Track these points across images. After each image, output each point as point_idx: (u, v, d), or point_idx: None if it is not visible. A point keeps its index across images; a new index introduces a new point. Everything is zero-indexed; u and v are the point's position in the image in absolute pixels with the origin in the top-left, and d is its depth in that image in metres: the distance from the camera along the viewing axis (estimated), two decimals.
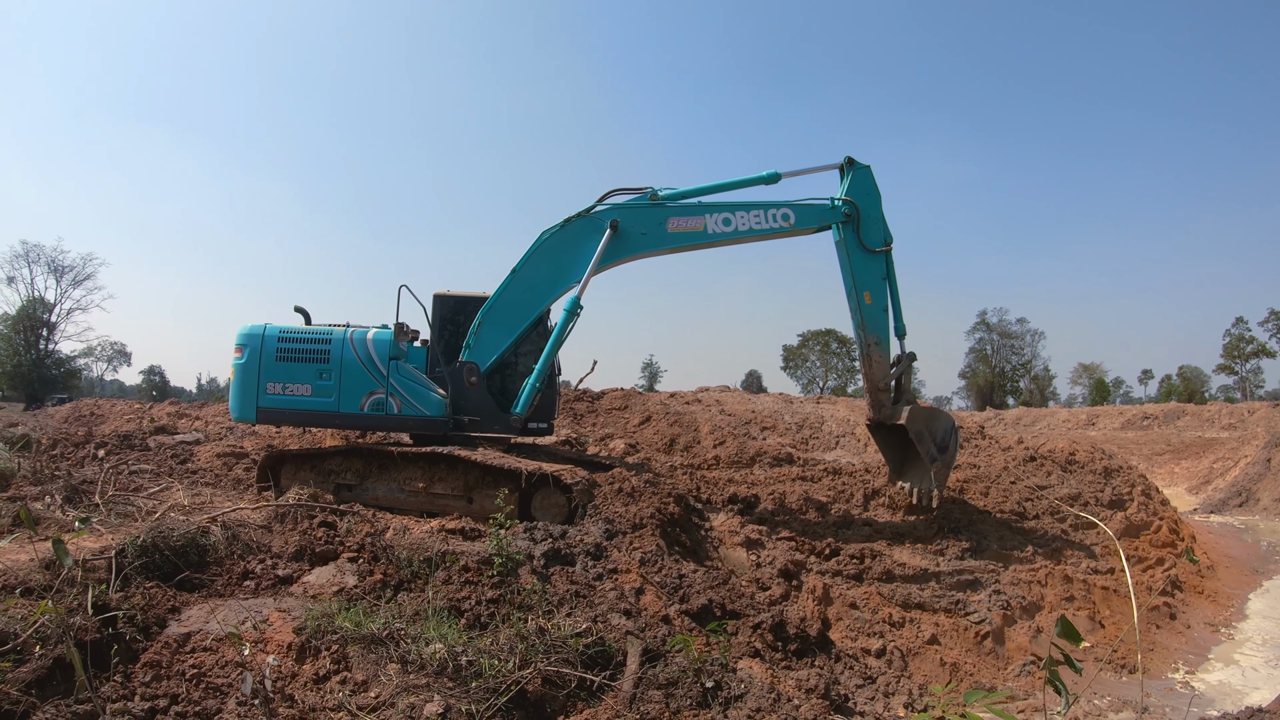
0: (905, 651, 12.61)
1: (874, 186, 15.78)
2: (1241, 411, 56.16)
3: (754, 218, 15.39)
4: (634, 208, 15.28)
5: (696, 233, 15.29)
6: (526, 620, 8.38)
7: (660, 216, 15.24)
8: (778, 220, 15.46)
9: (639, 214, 15.23)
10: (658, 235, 15.26)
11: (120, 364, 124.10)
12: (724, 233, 15.34)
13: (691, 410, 24.25)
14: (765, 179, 15.75)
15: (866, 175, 15.77)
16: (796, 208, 15.52)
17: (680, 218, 15.27)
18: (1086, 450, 23.18)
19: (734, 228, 15.34)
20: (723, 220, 15.30)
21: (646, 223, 15.22)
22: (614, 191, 15.44)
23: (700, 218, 15.28)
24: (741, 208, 15.39)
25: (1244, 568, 21.21)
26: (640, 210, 15.26)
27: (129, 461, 16.47)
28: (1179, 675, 13.59)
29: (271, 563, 9.72)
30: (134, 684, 6.92)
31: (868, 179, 15.77)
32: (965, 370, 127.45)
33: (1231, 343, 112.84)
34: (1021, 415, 73.83)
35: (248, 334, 14.23)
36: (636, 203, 15.35)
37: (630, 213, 15.22)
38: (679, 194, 15.58)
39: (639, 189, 15.46)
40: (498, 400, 14.88)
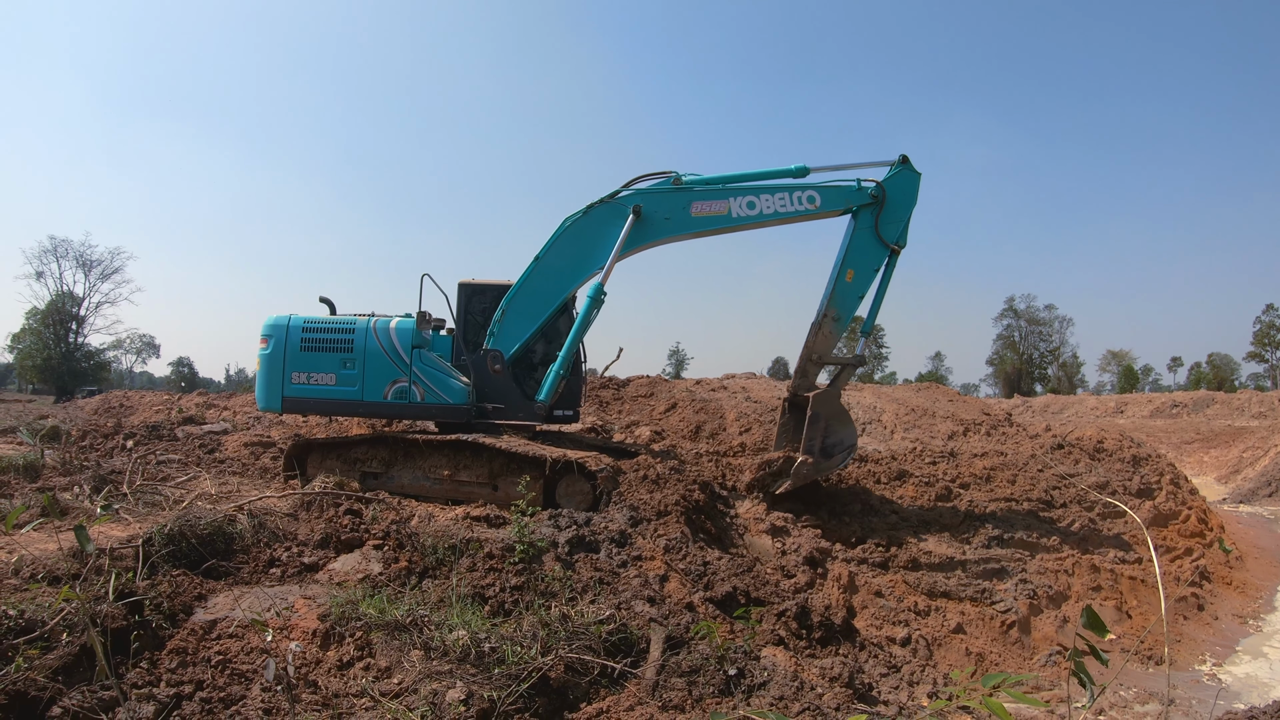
0: (930, 640, 12.55)
1: (914, 191, 15.42)
2: (1272, 400, 55.63)
3: (779, 200, 15.10)
4: (657, 192, 15.12)
5: (721, 216, 15.07)
6: (550, 607, 8.41)
7: (684, 201, 15.03)
8: (803, 203, 15.15)
9: (662, 198, 15.06)
10: (682, 220, 15.08)
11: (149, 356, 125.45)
12: (749, 216, 15.10)
13: (717, 397, 24.20)
14: (793, 173, 15.43)
15: (913, 179, 15.41)
16: (822, 189, 15.21)
17: (704, 201, 15.06)
18: (1115, 438, 23.01)
19: (759, 211, 15.07)
20: (747, 204, 15.05)
21: (670, 207, 15.04)
22: (638, 178, 15.26)
23: (724, 201, 15.05)
24: (766, 190, 15.10)
25: (1273, 559, 21.01)
26: (664, 195, 15.08)
27: (157, 451, 16.59)
28: (1206, 667, 13.47)
29: (297, 550, 9.79)
30: (160, 670, 6.99)
31: (913, 182, 15.41)
32: (993, 357, 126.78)
33: (1262, 330, 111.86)
34: (1049, 403, 73.40)
35: (273, 324, 14.37)
36: (660, 187, 15.17)
37: (654, 197, 15.05)
38: (703, 180, 15.34)
39: (663, 174, 15.26)
40: (522, 388, 14.85)
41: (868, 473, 17.60)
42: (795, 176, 15.35)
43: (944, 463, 18.93)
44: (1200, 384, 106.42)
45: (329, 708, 6.72)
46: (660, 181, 15.22)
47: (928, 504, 16.28)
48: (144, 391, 39.78)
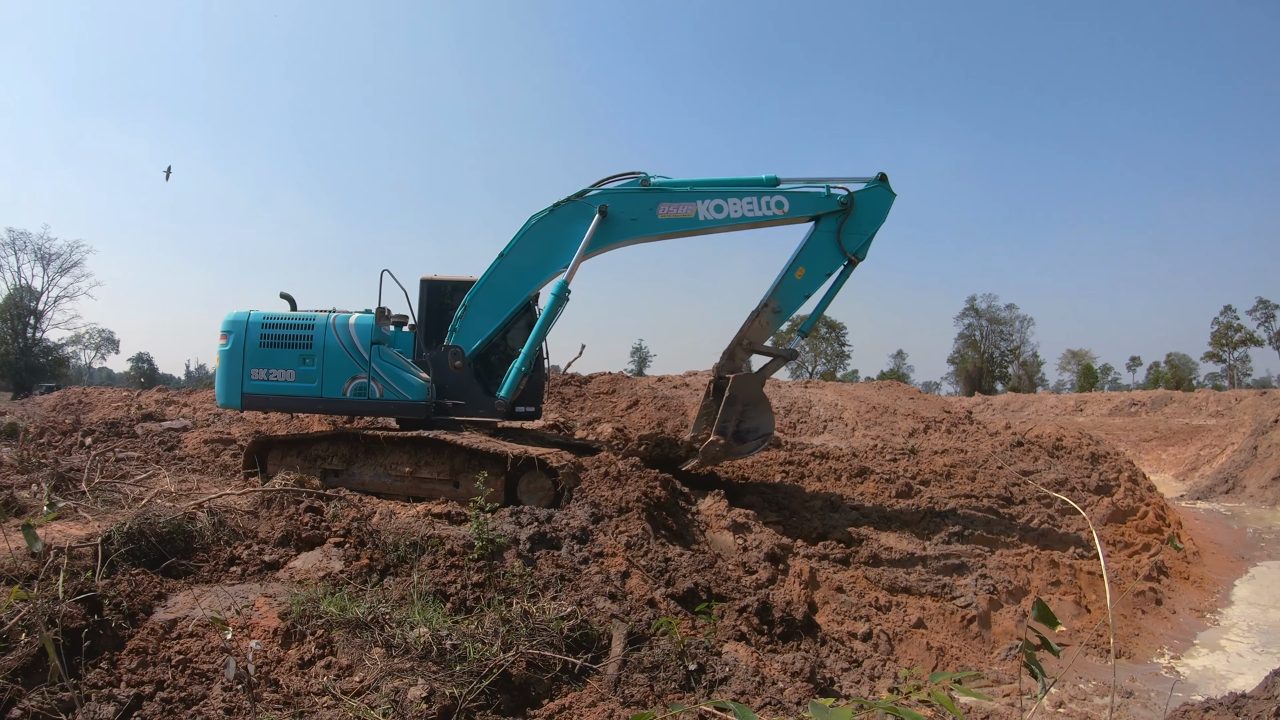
0: (891, 635, 12.66)
1: (886, 209, 15.40)
2: (1229, 399, 56.36)
3: (747, 205, 15.04)
4: (624, 193, 15.04)
5: (688, 219, 15.02)
6: (511, 604, 8.43)
7: (651, 202, 14.97)
8: (771, 208, 15.10)
9: (629, 199, 14.98)
10: (648, 221, 15.01)
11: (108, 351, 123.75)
12: (715, 219, 15.05)
13: (679, 394, 24.26)
14: (764, 183, 15.37)
15: (887, 197, 15.39)
16: (791, 195, 15.16)
17: (671, 203, 14.98)
18: (1074, 436, 23.30)
19: (726, 214, 15.03)
20: (714, 207, 15.00)
21: (637, 208, 14.97)
22: (607, 179, 15.18)
23: (692, 204, 14.99)
24: (734, 194, 15.04)
25: (1230, 554, 21.34)
26: (631, 195, 15.01)
27: (116, 449, 16.45)
28: (1164, 660, 13.66)
29: (258, 548, 9.74)
30: (120, 670, 6.96)
31: (886, 199, 15.39)
32: (954, 356, 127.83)
33: (1219, 331, 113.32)
34: (1010, 401, 74.04)
35: (233, 320, 14.30)
36: (627, 188, 15.10)
37: (620, 197, 14.98)
38: (671, 183, 15.27)
39: (631, 174, 15.18)
40: (484, 384, 14.79)
41: (829, 469, 17.72)
42: (765, 186, 15.32)
43: (905, 460, 19.09)
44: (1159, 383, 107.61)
45: (290, 706, 6.70)
46: (628, 182, 15.15)
47: (889, 501, 16.42)
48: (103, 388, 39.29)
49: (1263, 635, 14.91)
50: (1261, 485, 31.28)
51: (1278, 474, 31.06)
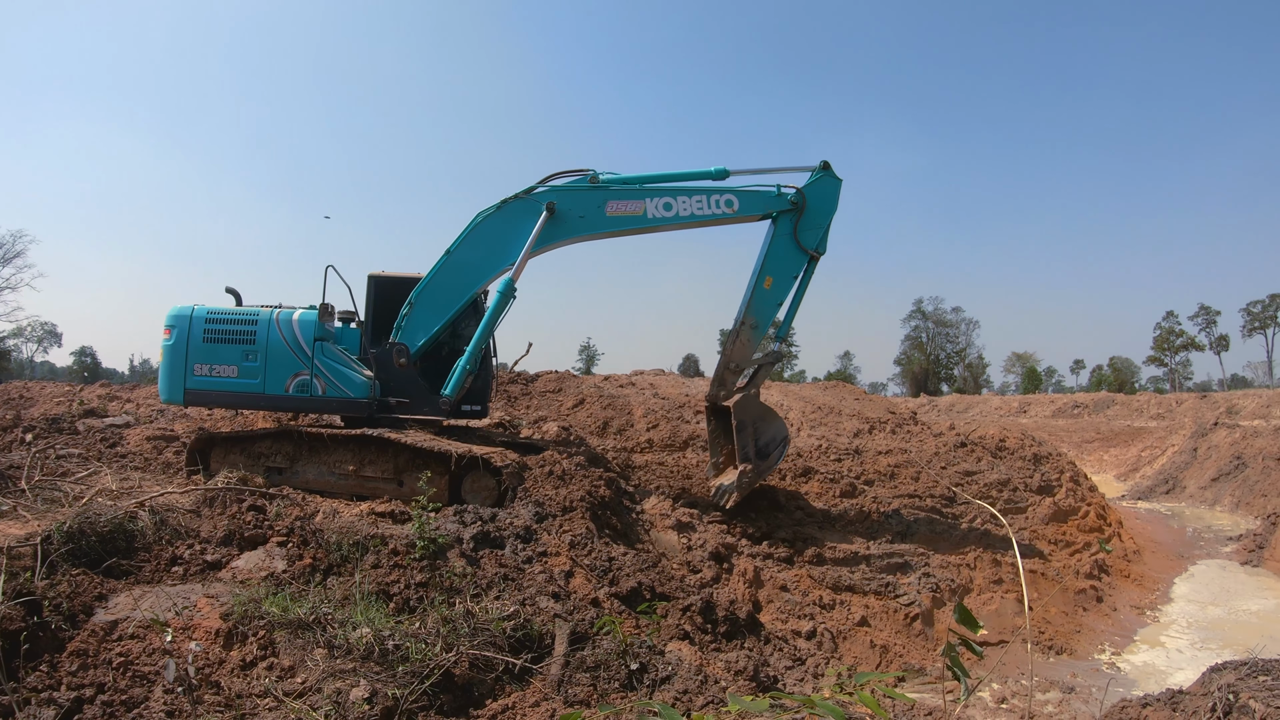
0: (835, 633, 12.78)
1: (835, 198, 15.44)
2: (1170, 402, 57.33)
3: (696, 203, 15.05)
4: (572, 190, 15.02)
5: (636, 217, 15.00)
6: (454, 604, 8.42)
7: (599, 199, 14.95)
8: (720, 206, 15.12)
9: (577, 196, 14.97)
10: (596, 218, 14.99)
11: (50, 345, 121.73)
12: (664, 218, 15.03)
13: (625, 394, 24.27)
14: (713, 175, 15.41)
15: (834, 185, 15.44)
16: (741, 194, 15.19)
17: (620, 201, 14.96)
18: (1016, 437, 23.61)
19: (675, 213, 15.01)
20: (663, 205, 14.98)
21: (585, 205, 14.95)
22: (554, 175, 15.18)
23: (640, 202, 14.97)
24: (684, 192, 15.04)
25: (1170, 552, 21.76)
26: (579, 193, 15.00)
27: (57, 445, 16.15)
28: (1105, 656, 13.91)
29: (200, 548, 9.65)
30: (60, 673, 6.90)
31: (833, 188, 15.44)
32: (900, 357, 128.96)
33: (1162, 335, 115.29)
34: (955, 402, 74.82)
35: (176, 315, 14.17)
36: (575, 185, 15.09)
37: (568, 195, 14.96)
38: (621, 179, 15.27)
39: (580, 171, 15.19)
40: (432, 382, 14.70)
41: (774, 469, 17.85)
42: (715, 179, 15.34)
43: (849, 460, 19.26)
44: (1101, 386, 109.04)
45: (232, 708, 6.67)
46: (577, 179, 15.15)
47: (833, 500, 16.56)
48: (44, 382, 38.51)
49: (1201, 632, 15.22)
50: (1201, 486, 31.95)
51: (1217, 475, 31.72)
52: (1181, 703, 6.99)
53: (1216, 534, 24.63)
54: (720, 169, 15.36)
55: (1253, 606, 16.92)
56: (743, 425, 15.04)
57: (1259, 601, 17.30)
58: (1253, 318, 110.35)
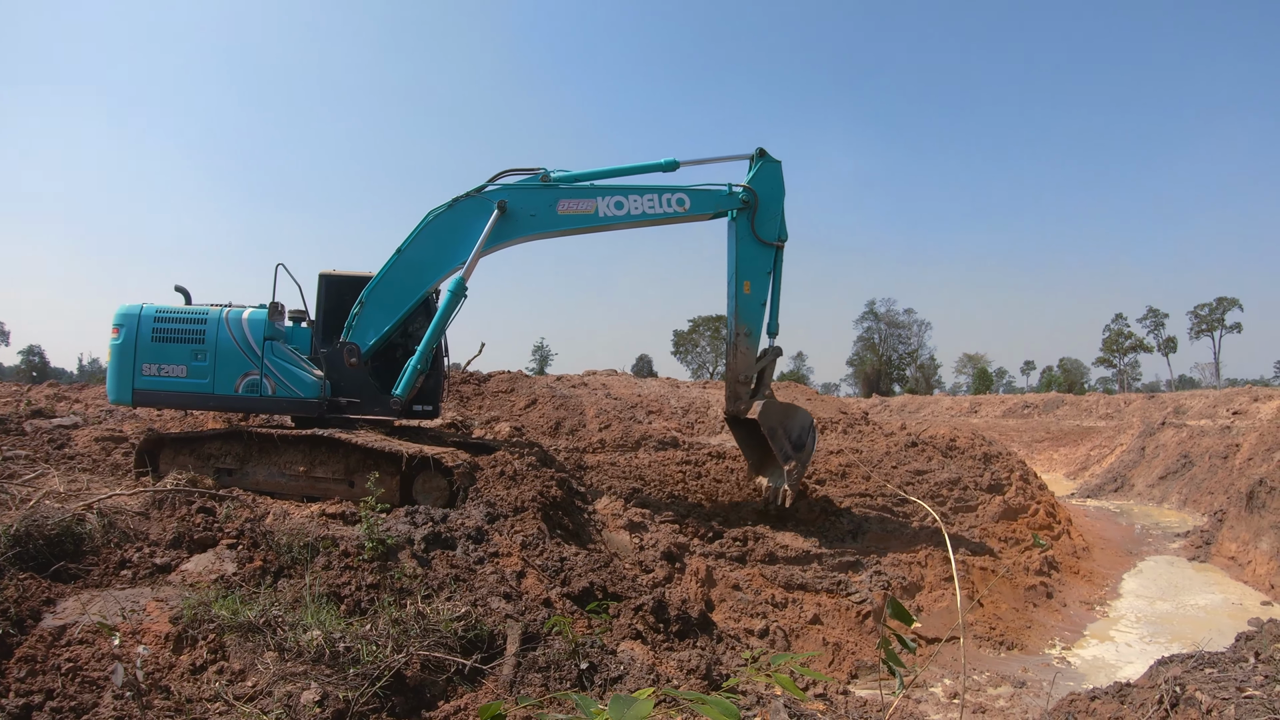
0: (788, 631, 12.88)
1: (780, 182, 15.69)
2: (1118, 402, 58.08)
3: (648, 201, 15.13)
4: (523, 188, 15.04)
5: (587, 215, 15.05)
6: (405, 605, 8.40)
7: (550, 198, 14.98)
8: (672, 205, 15.20)
9: (528, 195, 14.99)
10: (547, 217, 15.01)
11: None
12: (616, 216, 15.09)
13: (578, 394, 24.30)
14: (663, 166, 15.56)
15: (775, 169, 15.67)
16: (692, 193, 15.29)
17: (571, 200, 15.01)
18: (967, 436, 23.85)
19: (626, 211, 15.08)
20: (615, 204, 15.05)
21: (536, 204, 14.97)
22: (506, 172, 15.20)
23: (592, 200, 15.03)
24: (635, 191, 15.15)
25: (1119, 549, 22.10)
26: (530, 191, 15.02)
27: (4, 447, 15.92)
28: (1055, 651, 14.11)
29: (149, 551, 9.57)
30: (8, 680, 6.84)
31: (775, 173, 15.67)
32: (853, 358, 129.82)
33: (1111, 337, 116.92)
34: (906, 402, 75.38)
35: (124, 314, 14.04)
36: (527, 183, 15.11)
37: (519, 193, 14.97)
38: (572, 176, 15.32)
39: (531, 169, 15.20)
40: (384, 382, 14.63)
41: (726, 469, 17.93)
42: (665, 170, 15.50)
43: None
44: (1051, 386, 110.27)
45: (182, 713, 6.64)
46: (528, 178, 15.16)
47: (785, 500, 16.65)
48: None
49: (1150, 626, 15.49)
50: (1149, 484, 32.44)
51: (1164, 473, 32.22)
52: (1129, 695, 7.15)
53: (1164, 531, 25.03)
54: (670, 160, 15.55)
55: (1200, 601, 17.23)
56: (773, 431, 15.36)
57: (1206, 596, 17.61)
58: (1200, 320, 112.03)
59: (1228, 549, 20.73)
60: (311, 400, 14.09)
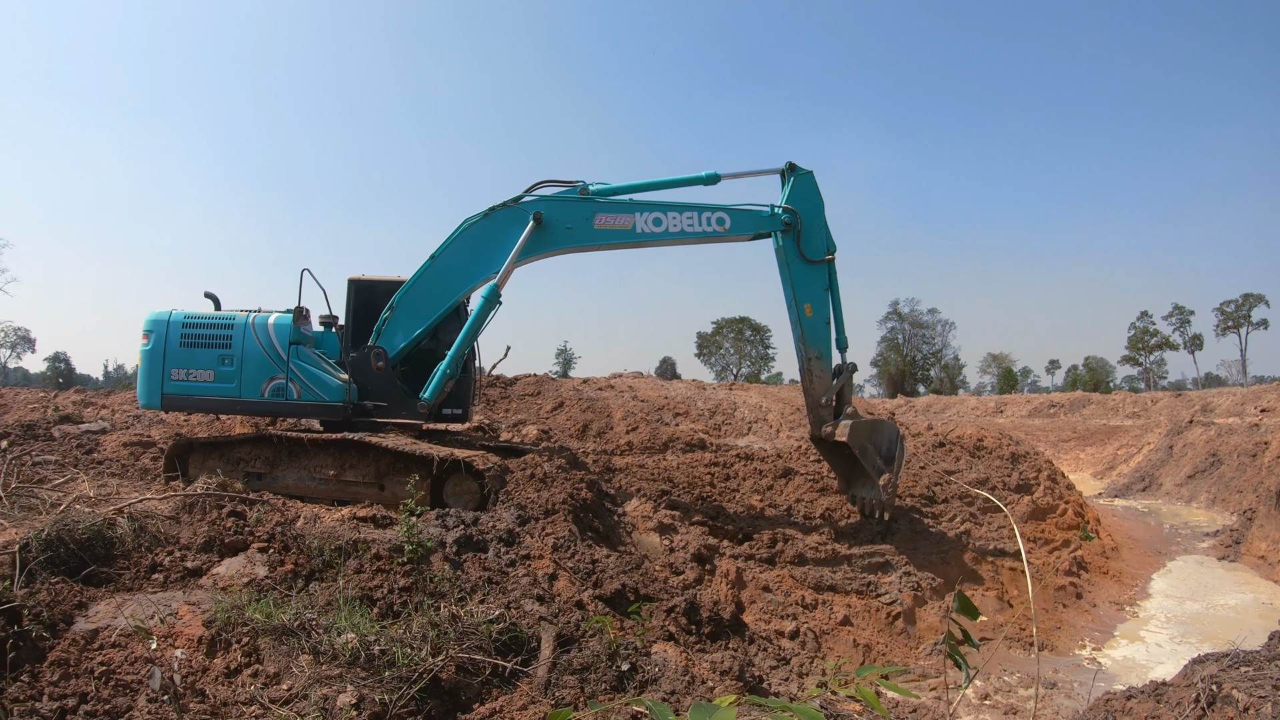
0: (818, 633, 12.81)
1: (816, 193, 15.38)
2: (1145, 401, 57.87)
3: (686, 219, 14.94)
4: (561, 200, 14.90)
5: (625, 230, 14.88)
6: (439, 608, 8.35)
7: (588, 211, 14.83)
8: (711, 224, 15.02)
9: (566, 207, 14.84)
10: (583, 231, 14.86)
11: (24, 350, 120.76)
12: (653, 233, 14.90)
13: (604, 396, 24.27)
14: (704, 179, 15.33)
15: (809, 182, 15.39)
16: (733, 212, 15.11)
17: (608, 214, 14.87)
18: (994, 436, 23.70)
19: (664, 228, 14.89)
20: (653, 220, 14.87)
21: (573, 217, 14.81)
22: (544, 182, 15.05)
23: (630, 215, 14.87)
24: (674, 208, 14.96)
25: (1147, 549, 21.93)
26: (567, 204, 14.87)
27: (32, 452, 16.02)
28: (1085, 651, 14.00)
29: (180, 554, 9.55)
30: (41, 683, 6.79)
31: (810, 186, 15.38)
32: (877, 359, 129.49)
33: (1136, 335, 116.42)
34: (931, 402, 75.16)
35: (154, 320, 14.24)
36: (564, 195, 14.97)
37: (557, 205, 14.83)
38: (611, 190, 15.17)
39: (570, 182, 15.05)
40: (414, 386, 14.60)
41: (754, 470, 17.86)
42: (706, 183, 15.27)
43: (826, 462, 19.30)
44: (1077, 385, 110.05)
45: (217, 717, 6.60)
46: (566, 190, 15.02)
47: (813, 500, 16.57)
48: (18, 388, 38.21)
49: (1180, 626, 15.35)
50: (1177, 483, 32.18)
51: (1193, 472, 31.96)
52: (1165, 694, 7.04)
53: (1193, 530, 24.84)
54: (711, 174, 15.31)
55: (1230, 601, 17.07)
56: (864, 450, 15.12)
57: (1236, 596, 17.45)
58: (1226, 317, 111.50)
59: (1257, 548, 20.55)
60: (336, 404, 14.11)
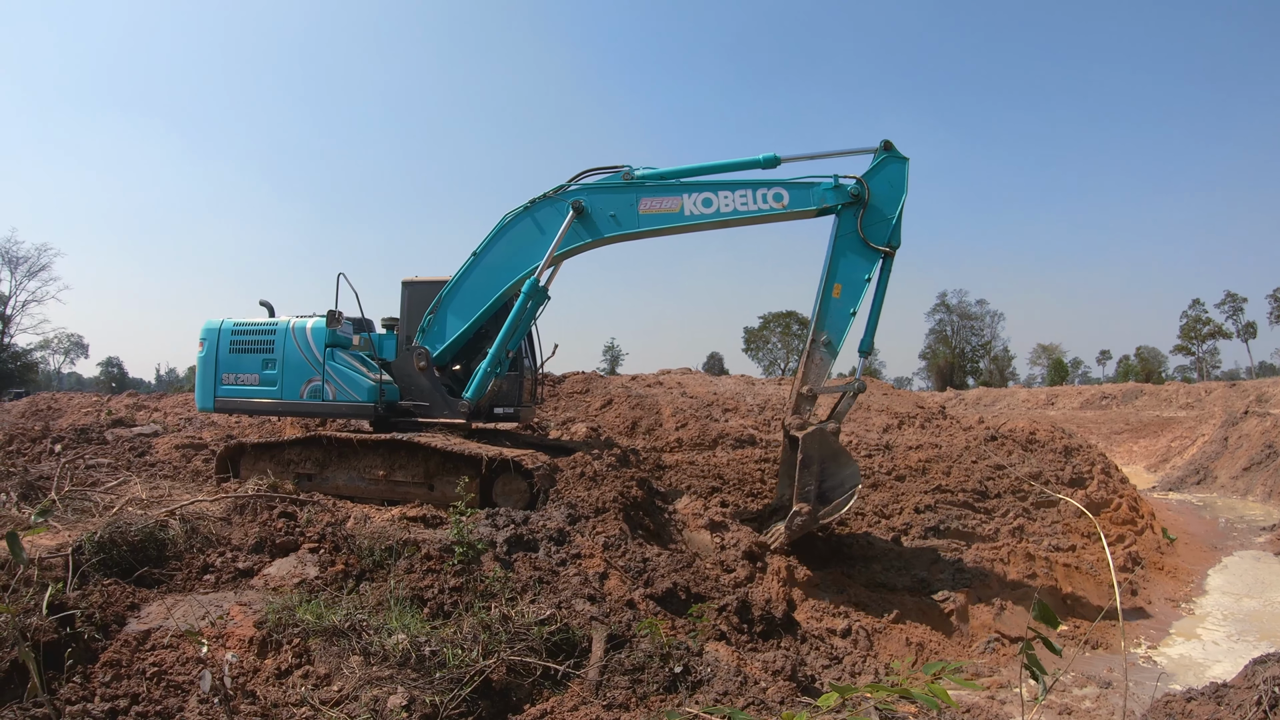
0: (870, 631, 12.66)
1: (903, 181, 13.79)
2: (1198, 391, 56.97)
3: (740, 198, 13.79)
4: (603, 188, 14.24)
5: (672, 214, 13.93)
6: (490, 608, 8.33)
7: (631, 197, 14.03)
8: (768, 201, 13.79)
9: (607, 195, 14.16)
10: (628, 217, 14.05)
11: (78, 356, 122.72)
12: (704, 215, 13.86)
13: (653, 393, 24.18)
14: (762, 163, 14.04)
15: (900, 168, 13.83)
16: (791, 187, 13.86)
17: (654, 198, 13.97)
18: (1047, 429, 23.41)
19: (716, 209, 13.82)
20: (703, 201, 13.82)
21: (616, 204, 14.09)
22: (588, 171, 14.47)
23: (677, 198, 13.89)
24: (725, 187, 13.92)
25: (1203, 544, 21.53)
26: (609, 191, 14.19)
27: (86, 455, 16.25)
28: (1141, 650, 13.76)
29: (231, 555, 9.59)
30: (94, 684, 6.82)
31: (900, 172, 13.81)
32: (925, 351, 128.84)
33: (1188, 324, 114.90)
34: (981, 395, 74.49)
35: (208, 329, 14.89)
36: (607, 182, 14.30)
37: (598, 194, 14.18)
38: (658, 174, 14.29)
39: (614, 168, 14.35)
40: (451, 385, 14.59)
41: None
42: (765, 167, 14.07)
43: (879, 455, 19.14)
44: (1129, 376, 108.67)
45: (268, 718, 6.60)
46: (608, 176, 14.41)
47: (864, 496, 16.40)
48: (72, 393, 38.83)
49: (1238, 624, 15.05)
50: (1232, 476, 31.58)
51: (1248, 464, 31.36)
52: (1226, 696, 6.87)
53: (1249, 524, 24.37)
54: (770, 156, 14.01)
55: None
56: (808, 461, 13.34)
57: None
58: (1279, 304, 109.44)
59: None
60: (367, 404, 14.21)
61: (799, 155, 14.20)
